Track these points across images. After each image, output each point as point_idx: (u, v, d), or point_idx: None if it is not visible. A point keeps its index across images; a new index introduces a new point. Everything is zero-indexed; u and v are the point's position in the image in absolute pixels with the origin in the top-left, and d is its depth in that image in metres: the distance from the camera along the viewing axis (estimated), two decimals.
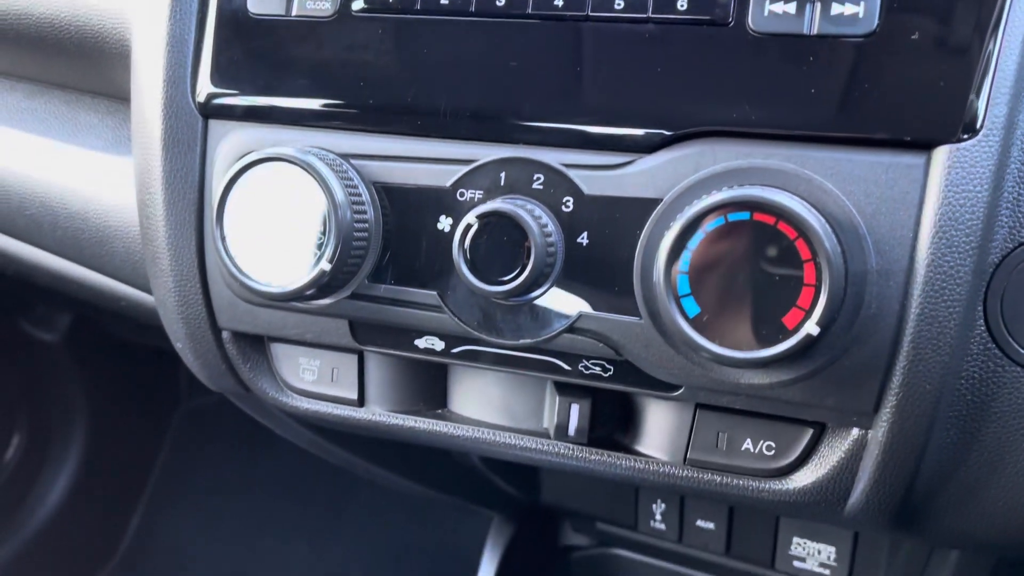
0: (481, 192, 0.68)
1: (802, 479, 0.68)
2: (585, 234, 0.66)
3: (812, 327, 0.57)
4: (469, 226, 0.65)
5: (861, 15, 0.59)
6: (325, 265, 0.67)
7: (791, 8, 0.61)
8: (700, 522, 1.24)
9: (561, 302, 0.67)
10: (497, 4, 0.67)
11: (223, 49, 0.76)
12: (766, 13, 0.61)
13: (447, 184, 0.69)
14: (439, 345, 0.74)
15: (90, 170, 0.91)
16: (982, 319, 0.60)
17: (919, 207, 0.59)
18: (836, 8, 0.60)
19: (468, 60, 0.69)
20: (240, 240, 0.71)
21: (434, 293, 0.70)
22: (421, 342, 0.74)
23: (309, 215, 0.68)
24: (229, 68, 0.76)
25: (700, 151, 0.63)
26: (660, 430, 0.73)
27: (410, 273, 0.71)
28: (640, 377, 0.68)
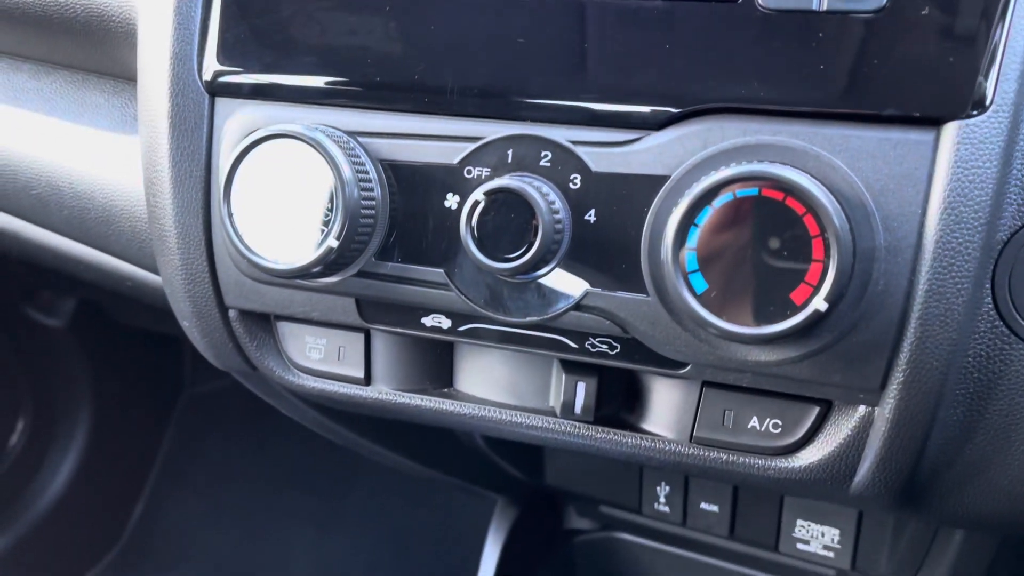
0: (488, 169, 0.68)
1: (808, 457, 0.68)
2: (592, 211, 0.66)
3: (820, 303, 0.57)
4: (476, 203, 0.65)
5: None
6: (332, 242, 0.67)
7: None
8: (704, 505, 1.24)
9: (568, 280, 0.67)
10: None
11: (229, 27, 0.76)
12: None
13: (454, 161, 0.69)
14: (446, 323, 0.74)
15: (96, 149, 0.91)
16: (990, 297, 0.60)
17: (928, 183, 0.59)
18: None
19: (475, 37, 0.68)
20: (247, 217, 0.71)
21: (441, 271, 0.70)
22: (428, 320, 0.74)
23: (316, 192, 0.68)
24: (236, 46, 0.76)
25: (708, 128, 0.63)
26: (666, 408, 0.73)
27: (417, 251, 0.71)
28: (647, 355, 0.68)
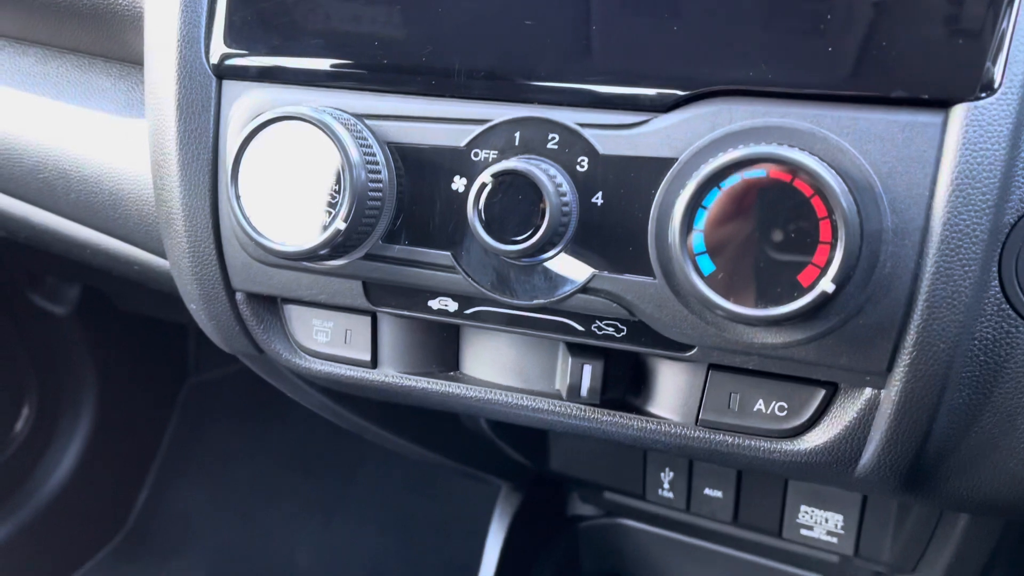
0: (496, 152, 0.68)
1: (814, 439, 0.68)
2: (600, 194, 0.66)
3: (827, 284, 0.57)
4: (484, 185, 0.65)
5: None
6: (340, 224, 0.68)
7: None
8: (708, 491, 1.24)
9: (575, 262, 0.67)
10: None
11: (236, 9, 0.75)
12: None
13: (461, 144, 0.69)
14: (452, 306, 0.74)
15: (104, 133, 0.91)
16: (996, 280, 0.60)
17: (936, 166, 0.59)
18: None
19: (483, 19, 0.68)
20: (254, 200, 0.71)
21: (448, 254, 0.71)
22: (434, 303, 0.74)
23: (324, 175, 0.68)
24: (243, 28, 0.76)
25: (716, 110, 0.63)
26: (672, 391, 0.73)
27: (424, 234, 0.71)
28: (653, 337, 0.68)
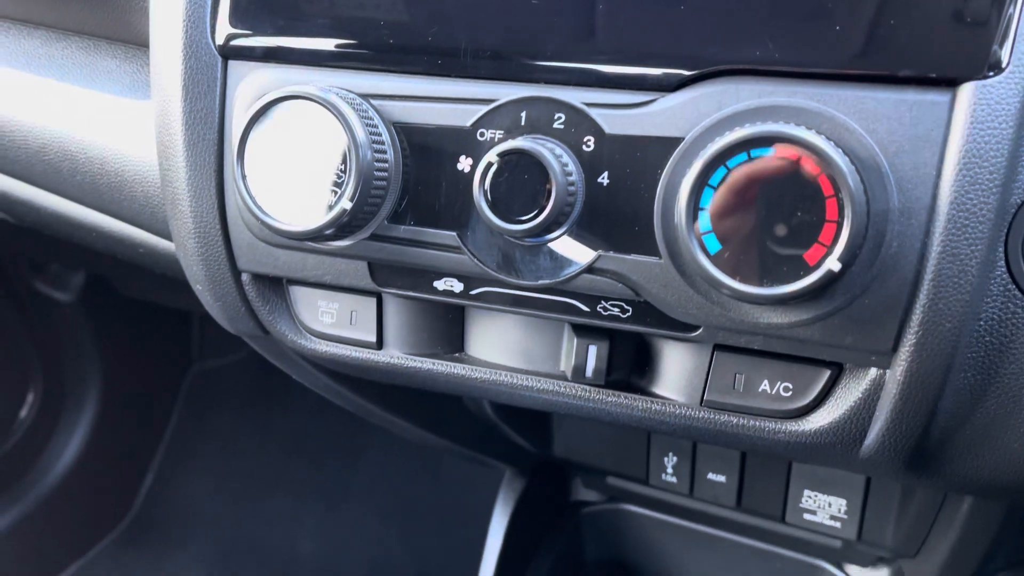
0: (501, 132, 0.68)
1: (819, 420, 0.68)
2: (606, 174, 0.66)
3: (833, 263, 0.57)
4: (490, 164, 0.65)
5: None
6: (345, 204, 0.68)
7: None
8: (712, 475, 1.25)
9: (580, 242, 0.67)
10: None
11: None
12: None
13: (467, 124, 0.69)
14: (458, 287, 0.74)
15: (109, 115, 0.91)
16: (1003, 259, 0.60)
17: (943, 145, 0.59)
18: None
19: None
20: (260, 179, 0.71)
21: (453, 234, 0.71)
22: (440, 284, 0.74)
23: (329, 155, 0.68)
24: (248, 9, 0.75)
25: (723, 90, 0.63)
26: (677, 372, 0.73)
27: (429, 214, 0.71)
28: (658, 318, 0.68)
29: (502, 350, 0.79)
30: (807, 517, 1.20)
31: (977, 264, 0.59)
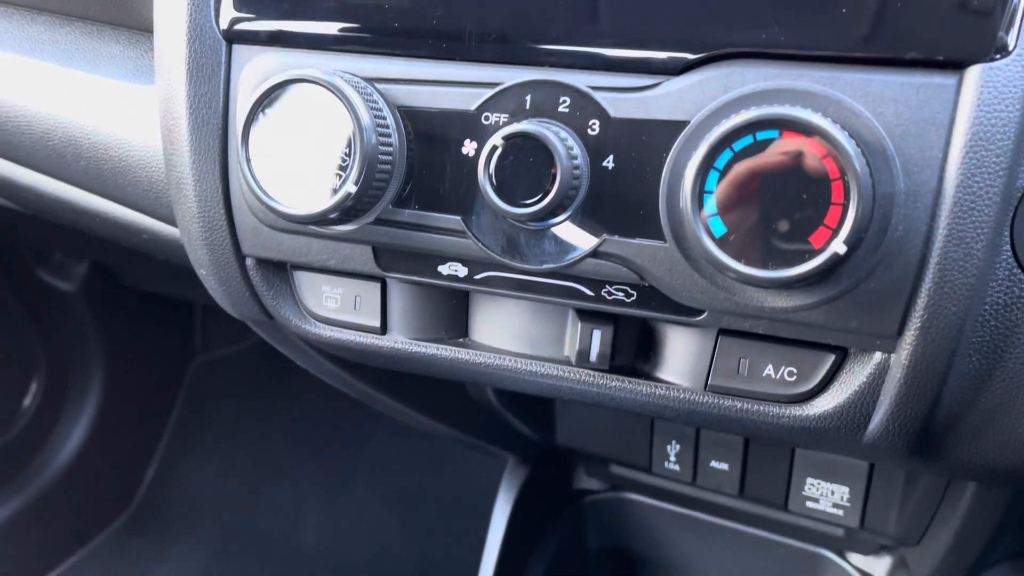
0: (506, 115, 0.68)
1: (823, 404, 0.68)
2: (611, 157, 0.66)
3: (839, 246, 0.57)
4: (495, 147, 0.65)
5: None
6: (350, 188, 0.68)
7: None
8: (714, 463, 1.25)
9: (585, 226, 0.67)
10: None
11: None
12: None
13: (472, 108, 0.69)
14: (462, 271, 0.74)
15: (113, 100, 0.91)
16: (1008, 243, 0.60)
17: (949, 128, 0.58)
18: None
19: None
20: (265, 163, 0.71)
21: (458, 218, 0.70)
22: (444, 268, 0.74)
23: (334, 139, 0.68)
24: None
25: (728, 73, 0.63)
26: (681, 357, 0.73)
27: (434, 198, 0.71)
28: (663, 302, 0.68)
29: (506, 335, 0.79)
30: (810, 505, 1.20)
31: (983, 248, 0.59)
